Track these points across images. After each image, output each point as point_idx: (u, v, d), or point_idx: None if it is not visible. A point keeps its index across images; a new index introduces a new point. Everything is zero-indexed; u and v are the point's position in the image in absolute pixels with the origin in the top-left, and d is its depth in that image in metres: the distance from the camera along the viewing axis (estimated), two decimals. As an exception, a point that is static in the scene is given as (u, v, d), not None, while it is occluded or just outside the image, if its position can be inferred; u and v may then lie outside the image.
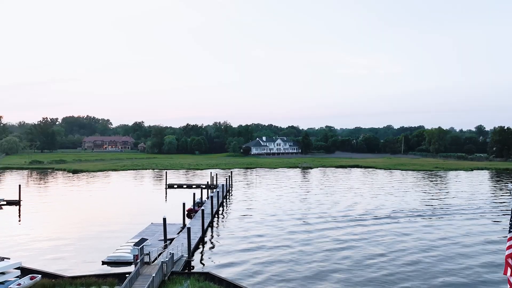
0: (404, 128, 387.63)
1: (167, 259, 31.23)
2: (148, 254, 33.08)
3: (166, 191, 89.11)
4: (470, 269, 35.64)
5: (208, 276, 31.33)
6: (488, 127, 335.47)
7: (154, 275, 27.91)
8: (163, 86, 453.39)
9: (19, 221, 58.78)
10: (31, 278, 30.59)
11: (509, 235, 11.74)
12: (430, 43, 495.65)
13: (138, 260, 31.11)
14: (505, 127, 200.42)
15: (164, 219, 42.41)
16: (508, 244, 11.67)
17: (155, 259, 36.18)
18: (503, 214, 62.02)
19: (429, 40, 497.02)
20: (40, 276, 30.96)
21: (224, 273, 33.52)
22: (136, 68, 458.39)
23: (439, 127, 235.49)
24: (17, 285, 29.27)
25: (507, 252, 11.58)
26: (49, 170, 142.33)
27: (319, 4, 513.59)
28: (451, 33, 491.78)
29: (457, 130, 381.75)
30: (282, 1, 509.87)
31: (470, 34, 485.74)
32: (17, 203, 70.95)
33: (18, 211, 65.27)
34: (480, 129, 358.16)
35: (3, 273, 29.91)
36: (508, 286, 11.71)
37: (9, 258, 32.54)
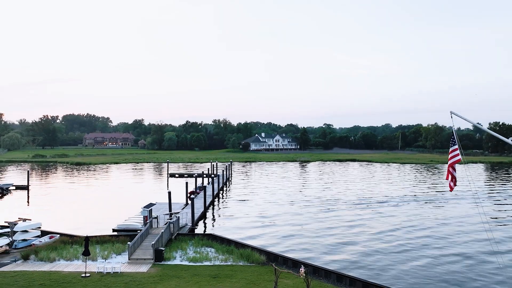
0: (403, 126, 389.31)
1: (174, 220, 34.29)
2: (156, 218, 36.14)
3: (168, 180, 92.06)
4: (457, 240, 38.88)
5: (210, 237, 34.43)
6: (486, 125, 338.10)
7: (163, 231, 30.98)
8: (163, 88, 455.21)
9: (28, 202, 61.68)
10: (50, 237, 33.67)
11: (451, 149, 14.79)
12: (429, 44, 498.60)
13: (148, 221, 34.16)
14: (500, 123, 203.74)
15: (169, 193, 45.56)
16: (449, 156, 14.72)
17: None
18: (492, 199, 65.39)
19: (428, 40, 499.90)
20: (58, 235, 34.05)
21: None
22: (136, 69, 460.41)
23: (436, 123, 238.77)
24: (38, 242, 32.31)
25: (449, 162, 14.66)
26: (52, 163, 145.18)
27: (319, 4, 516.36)
28: (450, 34, 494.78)
29: (455, 129, 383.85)
30: (281, 1, 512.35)
31: (469, 34, 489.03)
32: (25, 188, 73.85)
33: (27, 194, 68.17)
34: (477, 127, 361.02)
35: (26, 231, 32.98)
36: (449, 189, 14.82)
37: (30, 219, 35.65)
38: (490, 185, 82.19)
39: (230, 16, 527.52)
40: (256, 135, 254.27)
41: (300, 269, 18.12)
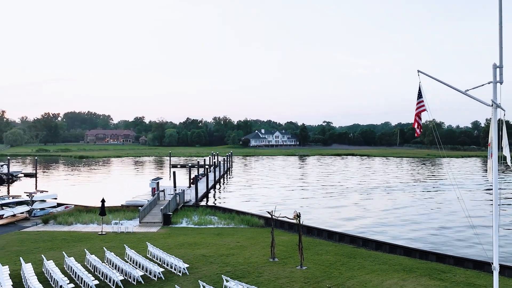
0: (402, 124, 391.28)
1: (180, 191, 37.11)
2: (163, 191, 38.95)
3: (170, 169, 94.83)
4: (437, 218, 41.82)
5: (213, 207, 37.29)
6: (483, 122, 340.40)
7: (170, 200, 33.82)
8: (164, 88, 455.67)
9: (36, 187, 64.44)
10: (66, 207, 36.50)
11: (417, 101, 17.51)
12: (429, 43, 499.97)
13: (156, 193, 36.98)
14: (497, 119, 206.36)
15: (174, 173, 48.36)
16: (417, 106, 17.44)
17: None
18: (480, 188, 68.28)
19: (427, 40, 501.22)
20: (73, 206, 36.90)
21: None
22: (137, 70, 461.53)
23: (433, 119, 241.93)
24: (55, 211, 35.13)
25: (416, 112, 17.40)
26: (55, 156, 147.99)
27: (318, 4, 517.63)
28: (449, 33, 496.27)
29: (454, 127, 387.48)
30: (282, 2, 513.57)
31: (468, 33, 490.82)
32: (33, 175, 76.61)
33: (35, 181, 70.90)
34: (476, 124, 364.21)
35: (43, 201, 35.82)
36: (416, 134, 17.65)
37: (47, 191, 38.46)
38: (480, 175, 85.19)
39: (231, 16, 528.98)
40: (256, 131, 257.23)
41: (294, 212, 20.84)
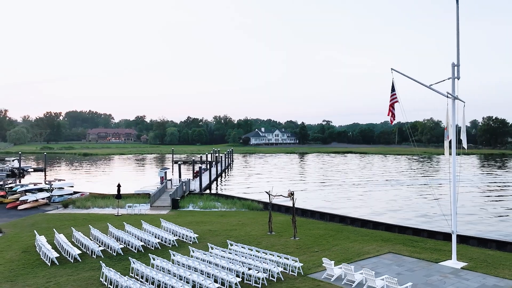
0: (401, 123, 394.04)
1: (186, 180, 40.41)
2: (170, 180, 42.26)
3: (173, 166, 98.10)
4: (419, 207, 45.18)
5: (216, 194, 40.60)
6: (480, 120, 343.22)
7: (177, 187, 37.12)
8: (165, 89, 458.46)
9: (46, 178, 67.68)
10: (81, 195, 39.81)
11: (391, 93, 20.74)
12: (427, 42, 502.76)
13: (164, 181, 40.29)
14: (493, 117, 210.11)
15: (179, 165, 51.62)
16: (391, 97, 20.66)
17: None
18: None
19: (426, 39, 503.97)
20: (88, 193, 40.20)
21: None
22: (137, 70, 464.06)
23: (431, 118, 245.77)
24: (72, 197, 38.44)
25: (389, 103, 20.61)
26: (59, 154, 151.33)
27: (318, 4, 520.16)
28: (449, 32, 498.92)
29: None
30: (280, 1, 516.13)
31: (467, 33, 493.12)
32: (42, 170, 79.86)
33: (44, 175, 74.06)
34: (474, 123, 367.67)
35: (61, 188, 39.13)
36: (390, 122, 20.94)
37: (64, 180, 41.74)
38: (474, 172, 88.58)
39: (231, 16, 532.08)
40: (256, 130, 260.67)
41: (288, 190, 24.10)
